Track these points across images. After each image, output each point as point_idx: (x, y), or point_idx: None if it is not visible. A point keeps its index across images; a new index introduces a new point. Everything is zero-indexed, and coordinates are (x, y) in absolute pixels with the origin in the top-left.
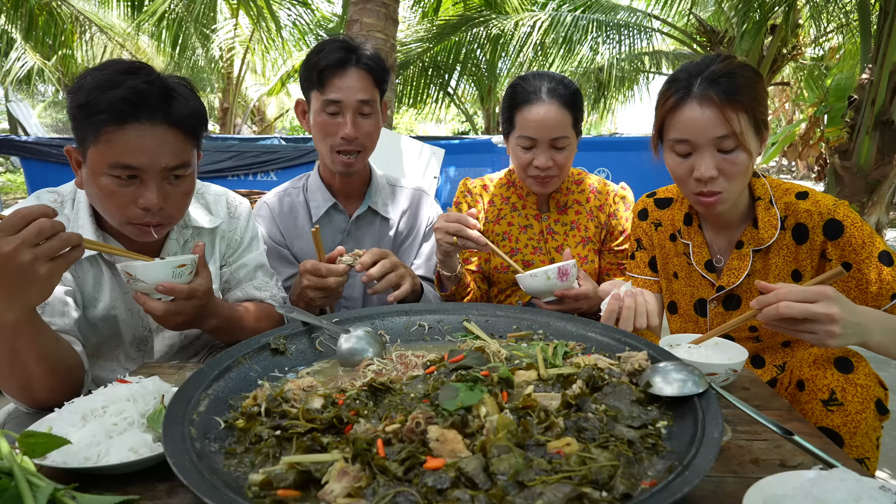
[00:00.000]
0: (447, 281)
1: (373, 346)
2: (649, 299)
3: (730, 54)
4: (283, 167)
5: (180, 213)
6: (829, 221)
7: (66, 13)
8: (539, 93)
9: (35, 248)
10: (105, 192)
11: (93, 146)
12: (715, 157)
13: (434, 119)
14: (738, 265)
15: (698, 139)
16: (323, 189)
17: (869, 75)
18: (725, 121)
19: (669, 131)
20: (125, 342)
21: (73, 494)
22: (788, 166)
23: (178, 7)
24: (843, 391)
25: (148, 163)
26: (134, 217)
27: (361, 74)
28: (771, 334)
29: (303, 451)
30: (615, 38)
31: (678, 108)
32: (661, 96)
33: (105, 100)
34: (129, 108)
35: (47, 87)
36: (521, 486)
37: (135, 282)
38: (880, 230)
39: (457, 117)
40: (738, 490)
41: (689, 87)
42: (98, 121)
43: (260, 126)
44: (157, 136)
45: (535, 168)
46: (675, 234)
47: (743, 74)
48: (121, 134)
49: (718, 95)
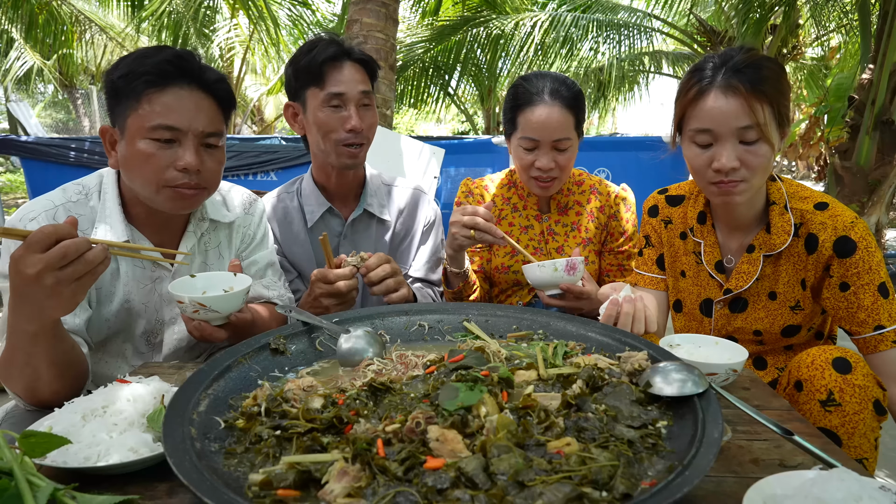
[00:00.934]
0: (455, 278)
1: (373, 346)
2: (649, 304)
3: (753, 46)
4: (283, 167)
5: (214, 184)
6: (841, 238)
7: (66, 13)
8: (542, 94)
9: (58, 272)
10: (144, 156)
11: (133, 113)
12: (737, 148)
13: (434, 119)
14: (748, 269)
15: (721, 129)
16: (317, 193)
17: (869, 75)
18: (750, 111)
19: (690, 121)
20: (136, 335)
21: (73, 494)
22: (788, 166)
23: (178, 7)
24: (841, 392)
25: (187, 124)
26: (171, 179)
27: (357, 67)
28: (774, 338)
29: (303, 451)
30: (615, 38)
31: (701, 98)
32: (683, 86)
33: (148, 63)
34: (172, 69)
35: (47, 87)
36: (521, 486)
37: (206, 312)
38: (880, 230)
39: (457, 117)
40: (738, 490)
41: (714, 77)
42: (140, 84)
43: (260, 126)
44: (195, 99)
45: (538, 169)
46: (687, 231)
47: (768, 66)
48: (162, 96)
49: (744, 84)
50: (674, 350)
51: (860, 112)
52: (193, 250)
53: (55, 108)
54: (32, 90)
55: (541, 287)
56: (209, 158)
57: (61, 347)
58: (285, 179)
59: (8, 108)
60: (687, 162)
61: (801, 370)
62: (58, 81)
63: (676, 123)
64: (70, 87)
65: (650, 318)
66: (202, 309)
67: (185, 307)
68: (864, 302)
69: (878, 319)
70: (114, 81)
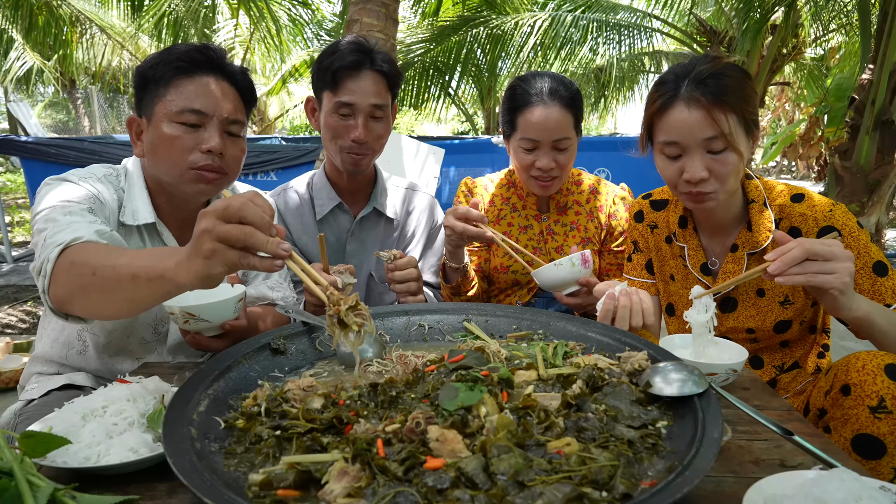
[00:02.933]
0: (453, 273)
1: (373, 347)
2: (644, 298)
3: (717, 54)
4: (283, 167)
5: (236, 171)
6: (824, 228)
7: (66, 13)
8: (540, 94)
9: (217, 224)
10: (170, 139)
11: (162, 99)
12: (704, 158)
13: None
14: (733, 269)
15: (687, 141)
16: (329, 188)
17: (869, 75)
18: (713, 122)
19: (658, 133)
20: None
21: (73, 494)
22: (788, 166)
23: (178, 7)
24: (893, 399)
25: (213, 109)
26: (195, 161)
27: (376, 78)
28: (768, 335)
29: (303, 451)
30: (615, 38)
31: (666, 111)
32: (650, 98)
33: (177, 53)
34: (202, 57)
35: (47, 88)
36: (521, 486)
37: (196, 322)
38: (880, 230)
39: (457, 117)
40: (738, 490)
41: (677, 89)
42: (170, 71)
43: (260, 126)
44: (220, 87)
45: (538, 169)
46: (671, 236)
47: (730, 75)
48: (190, 82)
49: (706, 96)
50: (674, 351)
51: (860, 112)
52: None
53: (55, 108)
54: (32, 90)
55: (558, 287)
56: (232, 145)
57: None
58: (285, 179)
59: (8, 108)
60: (659, 172)
61: (849, 374)
62: (58, 82)
63: (646, 133)
64: (70, 87)
65: (647, 310)
66: (192, 319)
67: (176, 318)
68: (863, 286)
69: (883, 299)
70: (143, 72)
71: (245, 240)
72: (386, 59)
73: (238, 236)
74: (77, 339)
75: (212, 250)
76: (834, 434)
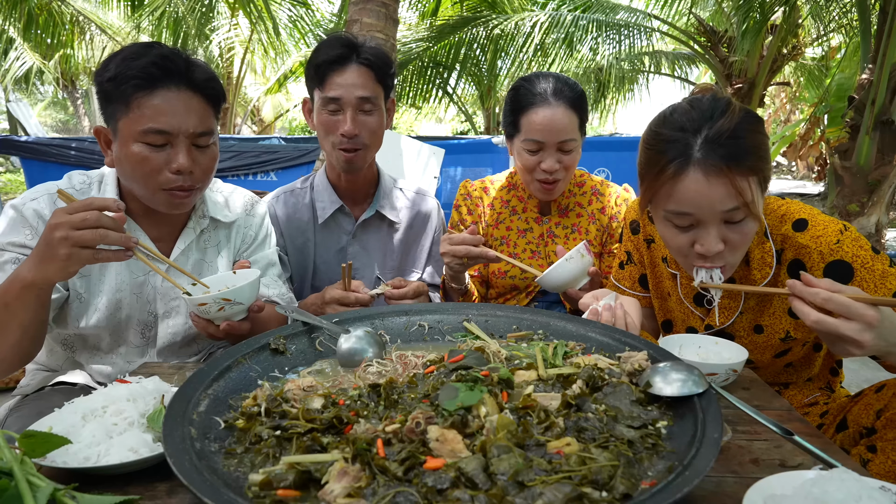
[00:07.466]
0: (455, 293)
1: (373, 346)
2: (630, 311)
3: (729, 101)
4: (283, 167)
5: (208, 179)
6: (832, 264)
7: (66, 13)
8: (545, 95)
9: (71, 231)
10: (138, 160)
11: (124, 116)
12: (721, 229)
13: (434, 119)
14: (729, 304)
15: (703, 214)
16: (330, 190)
17: (869, 75)
18: (737, 192)
19: (665, 201)
20: (129, 327)
21: (73, 494)
22: (788, 166)
23: (177, 6)
24: None
25: (177, 126)
26: (166, 182)
27: (362, 71)
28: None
29: (303, 451)
30: (615, 38)
31: (678, 178)
32: (650, 157)
33: (135, 67)
34: (158, 72)
35: (47, 88)
36: (521, 486)
37: (231, 306)
38: (880, 230)
39: (457, 117)
40: (738, 490)
41: (688, 151)
42: (129, 88)
43: (260, 126)
44: (183, 100)
45: (542, 171)
46: (666, 258)
47: (749, 129)
48: (150, 99)
49: (725, 161)
50: (674, 351)
51: (860, 112)
52: (191, 247)
53: (55, 108)
54: (31, 90)
55: (570, 283)
56: (201, 157)
57: (37, 316)
58: (285, 179)
59: (8, 108)
60: (662, 239)
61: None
62: (58, 82)
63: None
64: (70, 87)
65: (630, 324)
66: (227, 304)
67: (208, 308)
68: None
69: None
70: (102, 84)
71: (101, 240)
72: (373, 52)
73: (94, 238)
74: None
75: (67, 255)
76: (880, 455)
